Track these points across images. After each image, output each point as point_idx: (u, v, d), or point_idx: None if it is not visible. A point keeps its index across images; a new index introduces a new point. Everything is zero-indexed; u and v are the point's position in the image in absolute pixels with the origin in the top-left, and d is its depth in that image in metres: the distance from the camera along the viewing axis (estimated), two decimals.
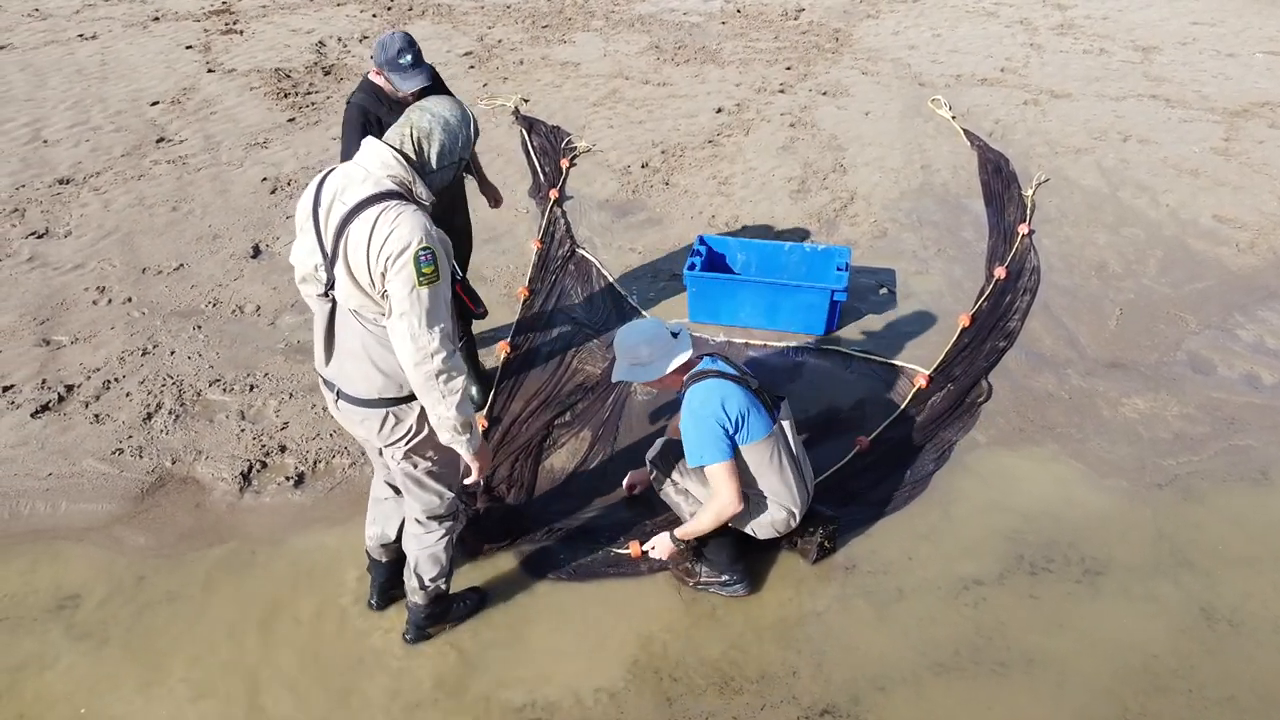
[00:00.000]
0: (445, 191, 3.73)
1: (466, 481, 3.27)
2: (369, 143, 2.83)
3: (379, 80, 4.15)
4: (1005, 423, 4.94)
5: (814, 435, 4.80)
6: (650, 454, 4.08)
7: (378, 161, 2.78)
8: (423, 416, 3.03)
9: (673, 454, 3.95)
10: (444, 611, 3.72)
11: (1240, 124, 8.35)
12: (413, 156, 2.81)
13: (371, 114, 4.11)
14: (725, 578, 3.93)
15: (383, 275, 2.70)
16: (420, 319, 2.72)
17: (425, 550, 3.44)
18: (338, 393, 3.05)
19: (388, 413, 3.01)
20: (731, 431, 3.59)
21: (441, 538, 3.43)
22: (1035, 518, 4.40)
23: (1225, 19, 11.30)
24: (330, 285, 2.84)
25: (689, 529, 3.74)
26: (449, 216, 4.34)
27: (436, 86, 4.26)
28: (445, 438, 2.97)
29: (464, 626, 3.80)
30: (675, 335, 3.74)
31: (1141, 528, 4.37)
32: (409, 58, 4.01)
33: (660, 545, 3.84)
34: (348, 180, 2.78)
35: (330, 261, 2.79)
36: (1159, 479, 4.63)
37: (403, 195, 2.77)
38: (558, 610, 3.91)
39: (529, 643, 3.77)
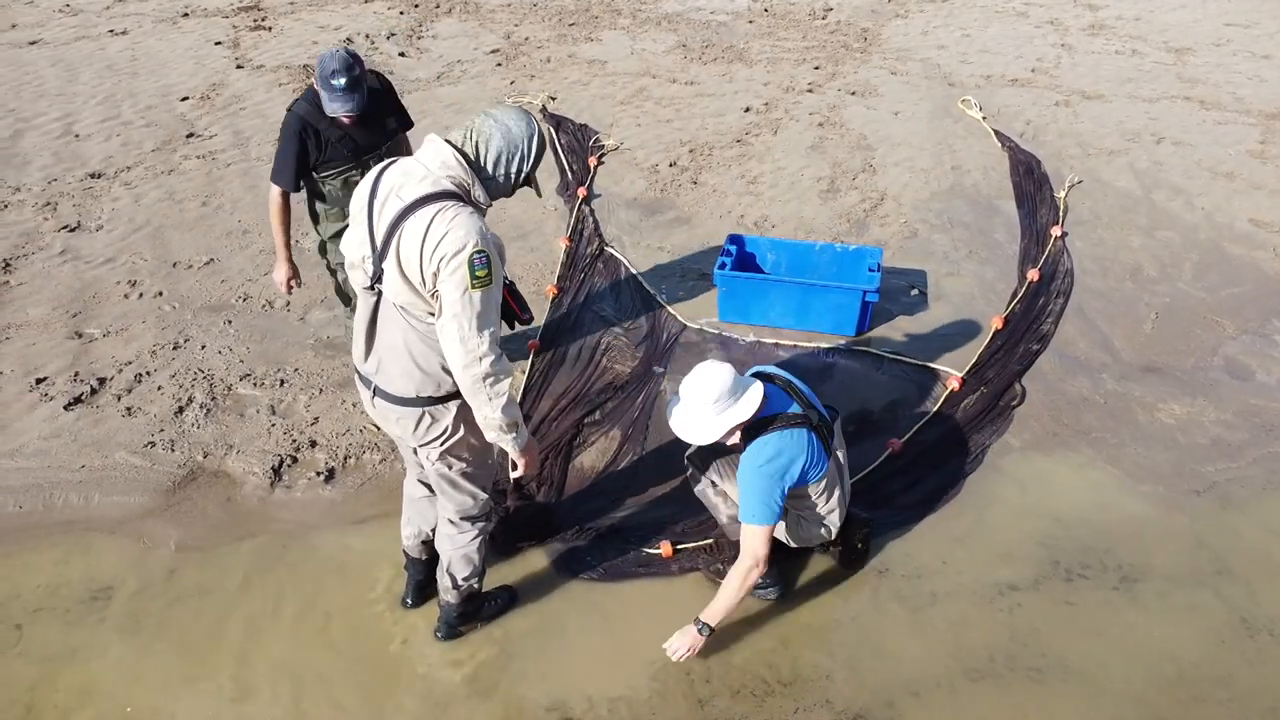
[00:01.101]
0: None
1: (514, 475, 3.25)
2: (432, 140, 2.82)
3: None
4: (1039, 426, 4.88)
5: (846, 438, 4.73)
6: (689, 452, 4.01)
7: (438, 160, 2.76)
8: (458, 417, 3.01)
9: (711, 454, 3.88)
10: (476, 610, 3.70)
11: (1276, 126, 8.24)
12: (471, 158, 2.79)
13: (310, 125, 4.06)
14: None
15: (435, 275, 2.68)
16: (471, 322, 2.69)
17: (458, 551, 3.43)
18: (374, 390, 3.04)
19: (424, 412, 3.00)
20: (789, 488, 3.48)
21: (474, 538, 3.42)
22: (1071, 523, 4.35)
23: (1260, 20, 11.16)
24: (377, 279, 2.83)
25: (719, 610, 3.52)
26: None
27: (377, 112, 4.19)
28: (492, 436, 2.96)
29: (495, 625, 3.79)
30: (735, 393, 3.42)
31: (1179, 535, 4.30)
32: (342, 80, 3.89)
33: (682, 642, 3.54)
34: (406, 176, 2.77)
35: (380, 255, 2.77)
36: (1197, 486, 4.56)
37: (460, 196, 2.75)
38: (589, 610, 3.89)
39: (560, 642, 3.75)
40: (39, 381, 5.01)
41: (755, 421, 3.47)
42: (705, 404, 3.40)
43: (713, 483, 3.88)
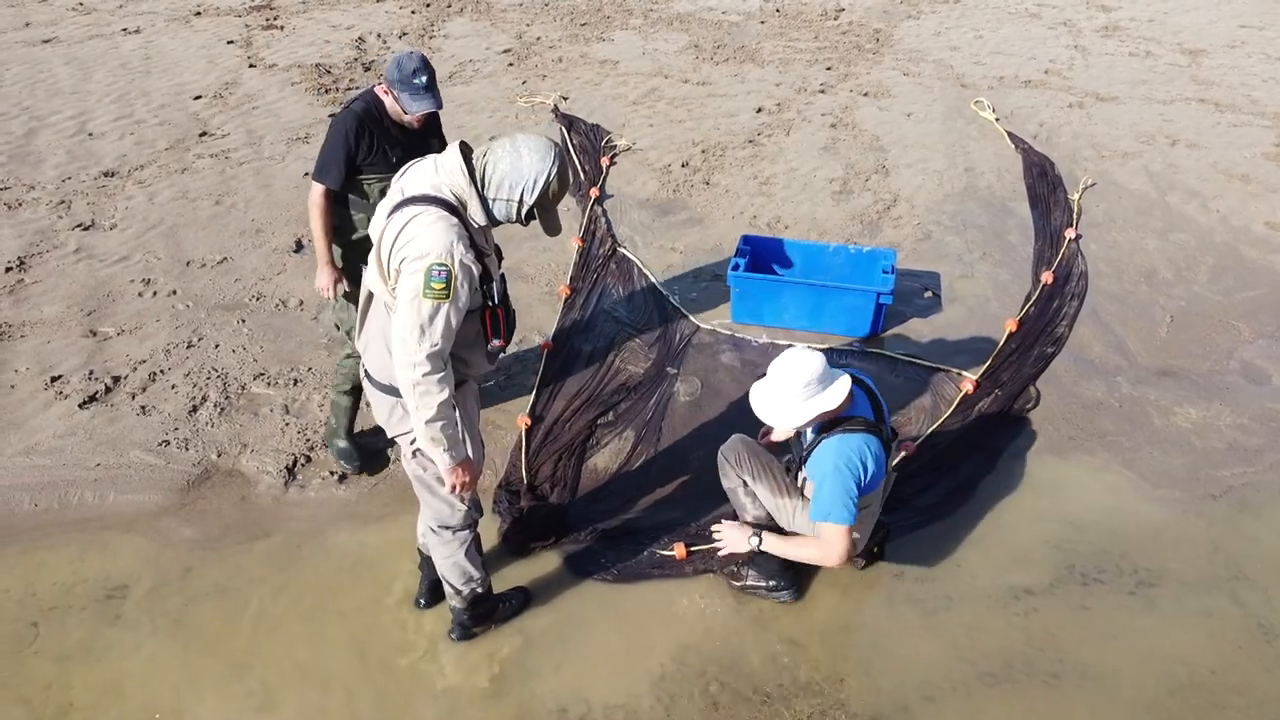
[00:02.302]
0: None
1: (441, 492, 3.23)
2: (453, 146, 2.85)
3: (386, 98, 3.93)
4: (1054, 430, 4.86)
5: None
6: (724, 447, 3.92)
7: (447, 166, 2.79)
8: None
9: (750, 455, 3.82)
10: (488, 612, 3.70)
11: None
12: (475, 172, 2.80)
13: (368, 126, 3.91)
14: (773, 583, 3.88)
15: (397, 272, 2.73)
16: (413, 328, 2.72)
17: (447, 560, 3.45)
18: (365, 370, 3.12)
19: (396, 403, 3.04)
20: (862, 492, 3.46)
21: (460, 547, 3.42)
22: (1086, 527, 4.33)
23: (1275, 21, 11.12)
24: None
25: (779, 548, 3.60)
26: None
27: (432, 124, 4.13)
28: (421, 444, 2.98)
29: (509, 626, 3.78)
30: (825, 382, 3.41)
31: (1195, 540, 4.29)
32: (424, 79, 3.80)
33: (731, 537, 3.71)
34: (420, 174, 2.81)
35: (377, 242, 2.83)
36: (1213, 490, 4.54)
37: (454, 207, 2.76)
38: (602, 611, 3.89)
39: (574, 644, 3.75)
40: (54, 379, 5.02)
41: (836, 418, 3.44)
42: (794, 388, 3.35)
43: (744, 482, 3.84)
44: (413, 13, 10.92)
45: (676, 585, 4.01)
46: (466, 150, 2.85)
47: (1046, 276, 5.95)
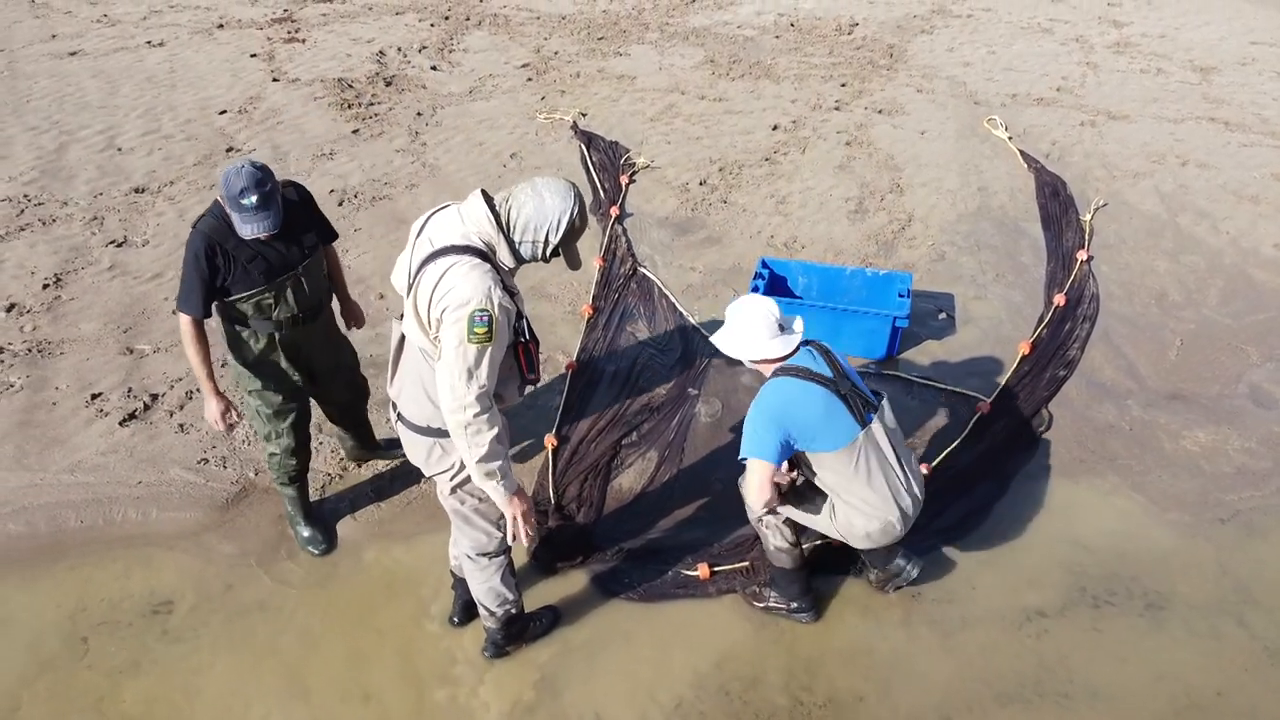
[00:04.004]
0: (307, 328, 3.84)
1: (477, 522, 3.40)
2: (476, 195, 2.97)
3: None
4: (1066, 453, 4.99)
5: None
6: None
7: (473, 216, 2.93)
8: None
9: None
10: (519, 631, 3.86)
11: None
12: (501, 221, 2.95)
13: (217, 244, 3.59)
14: (794, 605, 4.02)
15: (438, 322, 2.87)
16: (462, 373, 2.86)
17: (483, 585, 3.60)
18: (398, 414, 3.25)
19: (435, 443, 3.19)
20: (792, 438, 3.52)
21: (495, 572, 3.58)
22: (1097, 550, 4.46)
23: None
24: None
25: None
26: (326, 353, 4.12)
27: (297, 223, 3.74)
28: (477, 480, 3.11)
29: (539, 644, 3.94)
30: (783, 328, 3.67)
31: (1204, 563, 4.41)
32: (253, 198, 3.46)
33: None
34: (446, 224, 2.95)
35: (407, 292, 2.99)
36: (1221, 514, 4.67)
37: (484, 254, 2.91)
38: (629, 630, 4.04)
39: (602, 661, 3.90)
40: (94, 397, 5.18)
41: (780, 368, 3.62)
42: (752, 329, 3.61)
43: (759, 518, 3.95)
44: (432, 25, 11.07)
45: (700, 605, 4.16)
46: (488, 197, 2.99)
47: (1059, 299, 6.07)
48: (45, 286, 6.07)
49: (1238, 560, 4.42)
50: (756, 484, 3.53)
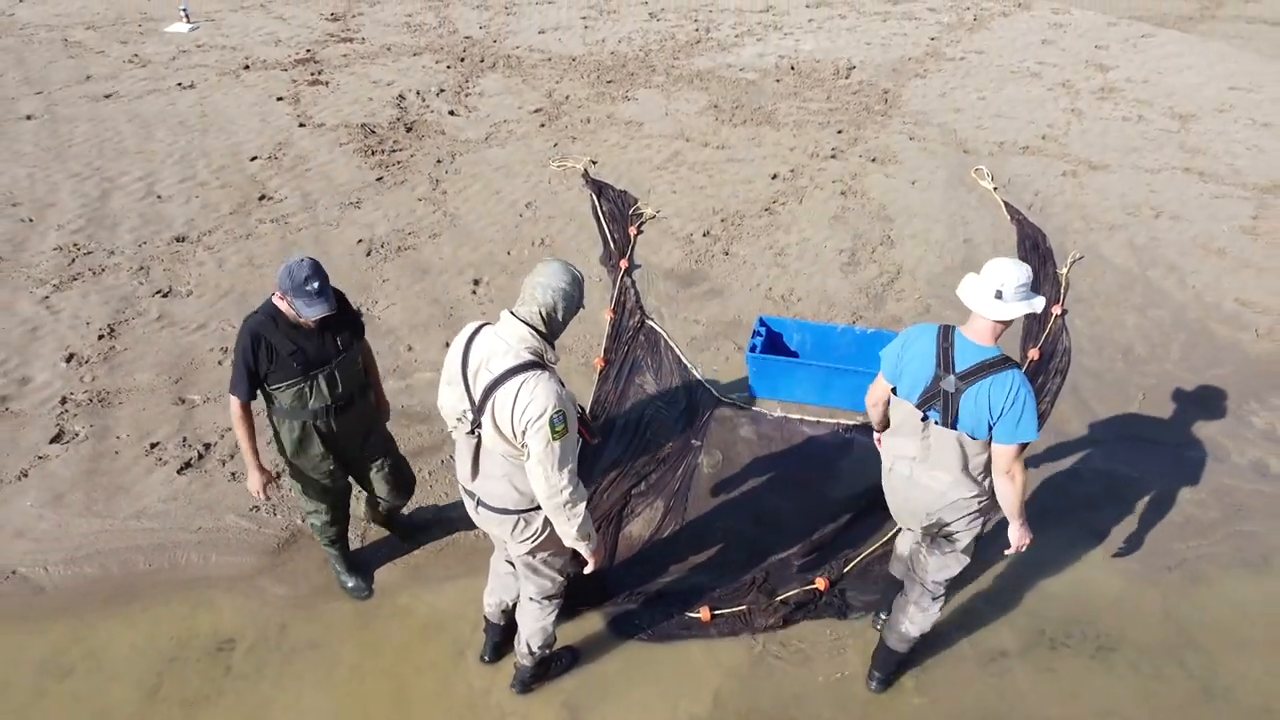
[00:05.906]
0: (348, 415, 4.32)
1: (585, 571, 3.94)
2: (507, 318, 3.46)
3: (281, 304, 4.09)
4: (1033, 502, 5.50)
5: (859, 512, 5.40)
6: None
7: (516, 336, 3.44)
8: (546, 521, 3.71)
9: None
10: (545, 670, 4.41)
11: (1270, 201, 8.84)
12: (542, 329, 3.46)
13: (263, 337, 4.09)
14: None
15: (524, 432, 3.38)
16: (553, 465, 3.41)
17: (538, 624, 4.13)
18: (478, 501, 3.74)
19: (519, 518, 3.71)
20: (895, 356, 3.93)
21: (552, 614, 4.13)
22: (1057, 595, 5.00)
23: (1263, 84, 11.73)
24: (476, 427, 3.52)
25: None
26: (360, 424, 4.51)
27: (333, 320, 4.20)
28: (569, 544, 3.69)
29: (561, 680, 4.48)
30: (1000, 295, 3.63)
31: (1151, 608, 4.95)
32: (315, 284, 4.00)
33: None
34: (492, 350, 3.45)
35: (478, 413, 3.49)
36: (1168, 562, 5.20)
37: (539, 363, 3.43)
38: (640, 668, 4.57)
39: (617, 697, 4.44)
40: (153, 446, 5.71)
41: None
42: (1016, 285, 3.62)
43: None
44: (448, 68, 11.61)
45: (703, 645, 4.69)
46: (517, 316, 3.46)
47: (1033, 353, 6.60)
48: (100, 337, 6.61)
49: (1181, 605, 4.95)
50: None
